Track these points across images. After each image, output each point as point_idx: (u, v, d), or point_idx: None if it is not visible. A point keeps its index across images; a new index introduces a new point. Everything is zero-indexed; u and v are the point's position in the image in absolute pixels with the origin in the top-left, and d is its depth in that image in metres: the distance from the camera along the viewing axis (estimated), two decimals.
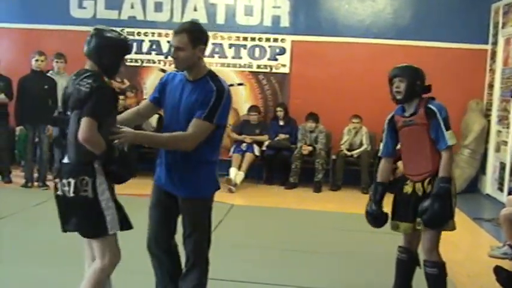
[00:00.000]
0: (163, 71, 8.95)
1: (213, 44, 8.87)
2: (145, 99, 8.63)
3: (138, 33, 8.97)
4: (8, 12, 9.06)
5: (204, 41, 3.14)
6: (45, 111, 7.13)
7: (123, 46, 3.10)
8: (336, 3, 8.79)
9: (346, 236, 5.79)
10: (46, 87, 7.32)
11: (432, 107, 3.62)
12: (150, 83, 9.00)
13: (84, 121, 2.87)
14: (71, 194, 2.94)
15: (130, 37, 8.88)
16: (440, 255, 3.64)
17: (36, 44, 8.38)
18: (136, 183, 8.21)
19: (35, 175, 7.55)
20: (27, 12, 9.00)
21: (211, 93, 3.05)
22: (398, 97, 3.72)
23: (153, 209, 3.41)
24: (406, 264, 3.82)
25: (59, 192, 3.01)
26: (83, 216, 2.99)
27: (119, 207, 3.07)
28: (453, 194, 3.57)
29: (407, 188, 3.71)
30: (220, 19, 8.90)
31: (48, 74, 7.60)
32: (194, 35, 3.06)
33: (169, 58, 8.91)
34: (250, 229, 5.94)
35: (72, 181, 2.93)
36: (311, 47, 8.71)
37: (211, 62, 8.86)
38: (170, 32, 8.78)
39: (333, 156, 8.41)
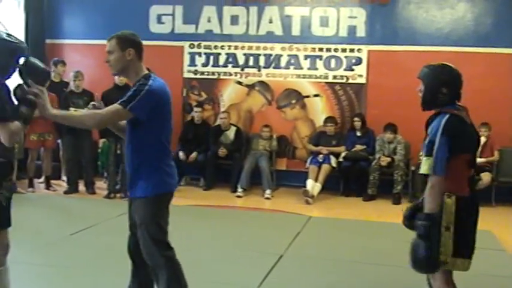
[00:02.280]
0: (239, 83, 9.07)
1: (289, 55, 8.89)
2: (222, 111, 8.87)
3: (215, 47, 9.11)
4: (91, 29, 9.44)
5: (132, 44, 3.28)
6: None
7: (9, 47, 3.09)
8: (413, 11, 8.60)
9: None
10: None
11: (431, 123, 3.15)
12: (227, 95, 9.11)
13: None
14: None
15: (207, 50, 9.08)
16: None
17: None
18: (213, 195, 8.43)
19: (117, 186, 7.80)
20: (109, 28, 9.29)
21: (135, 85, 3.20)
22: (421, 103, 3.22)
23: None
24: None
25: None
26: None
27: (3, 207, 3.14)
28: (444, 226, 3.01)
29: None
30: (296, 31, 8.90)
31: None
32: (122, 39, 3.27)
33: (246, 70, 9.02)
34: (327, 241, 5.86)
35: None
36: (388, 56, 8.56)
37: (287, 74, 8.89)
38: (246, 44, 9.04)
39: (412, 168, 8.19)
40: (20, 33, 9.08)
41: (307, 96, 8.91)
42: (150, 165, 3.26)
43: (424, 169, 3.08)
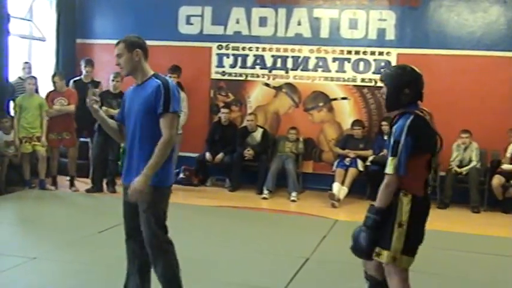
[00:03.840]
0: (267, 85, 9.06)
1: (317, 58, 8.84)
2: (249, 113, 8.87)
3: (243, 48, 9.11)
4: (121, 29, 9.48)
5: (138, 45, 3.51)
6: None
7: None
8: (444, 15, 8.49)
9: (454, 257, 5.53)
10: None
11: (395, 123, 3.17)
12: (254, 97, 9.11)
13: None
14: None
15: (235, 52, 9.09)
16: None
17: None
18: (238, 196, 8.44)
19: None
20: (138, 29, 9.39)
21: (159, 88, 3.39)
22: (384, 104, 3.32)
23: (123, 205, 3.67)
24: None
25: None
26: None
27: None
28: (397, 223, 3.09)
29: None
30: (325, 33, 8.85)
31: None
32: (128, 42, 3.50)
33: (273, 72, 9.01)
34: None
35: None
36: (418, 60, 8.40)
37: (315, 76, 8.85)
38: (274, 46, 9.02)
39: (441, 173, 8.08)
40: (51, 33, 9.22)
41: (335, 99, 8.85)
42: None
43: (390, 169, 3.11)
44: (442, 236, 6.14)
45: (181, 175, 8.85)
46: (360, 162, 8.17)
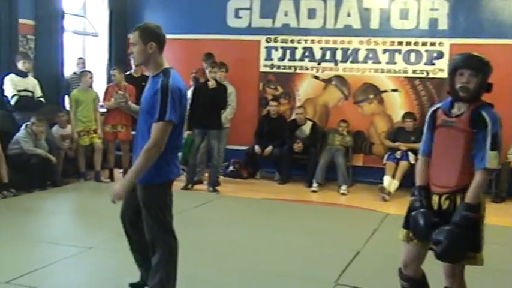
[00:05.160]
0: (316, 77, 9.00)
1: (367, 49, 8.73)
2: (298, 106, 8.83)
3: (292, 41, 9.07)
4: (170, 24, 9.53)
5: (155, 38, 3.36)
6: (213, 118, 7.51)
7: None
8: (500, 3, 8.22)
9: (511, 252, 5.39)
10: (215, 94, 7.63)
11: (486, 115, 2.97)
12: (303, 89, 9.07)
13: None
14: None
15: (284, 44, 9.07)
16: (465, 285, 3.10)
17: (196, 54, 8.83)
18: (287, 189, 8.42)
19: (195, 178, 7.93)
20: (187, 23, 9.51)
21: (157, 91, 3.26)
22: (464, 94, 3.02)
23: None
24: None
25: None
26: None
27: None
28: (482, 223, 2.99)
29: (434, 203, 3.13)
30: (374, 24, 8.72)
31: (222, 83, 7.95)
32: (144, 32, 3.36)
33: (322, 65, 8.94)
34: None
35: None
36: (472, 50, 7.99)
37: (365, 68, 8.74)
38: (323, 38, 8.94)
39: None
40: (104, 28, 9.42)
41: (385, 91, 8.72)
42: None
43: (493, 163, 2.96)
44: (498, 231, 5.98)
45: (230, 168, 8.90)
46: (411, 155, 8.01)
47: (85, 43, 9.52)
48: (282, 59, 9.14)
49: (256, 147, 8.65)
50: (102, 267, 4.25)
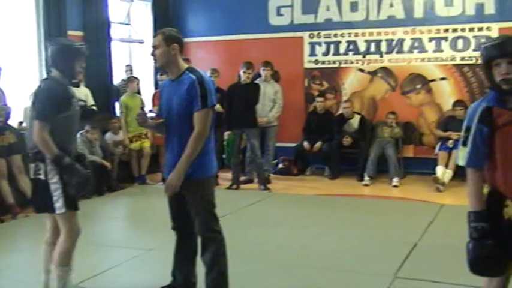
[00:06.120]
0: (361, 70, 8.94)
1: (412, 39, 8.61)
2: (345, 100, 8.79)
3: (335, 35, 9.03)
4: (213, 26, 9.73)
5: (177, 40, 3.57)
6: (248, 116, 7.57)
7: (73, 51, 3.58)
8: None
9: None
10: (251, 94, 7.70)
11: None
12: (349, 83, 9.02)
13: (35, 124, 3.37)
14: (32, 176, 3.54)
15: (327, 39, 9.04)
16: None
17: (239, 54, 8.91)
18: (338, 184, 8.38)
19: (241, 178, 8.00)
20: (230, 24, 9.59)
21: (194, 83, 3.46)
22: (508, 86, 2.56)
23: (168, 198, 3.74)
24: None
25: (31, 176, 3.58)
26: (38, 194, 3.53)
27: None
28: None
29: (509, 211, 2.64)
30: (419, 13, 8.59)
31: (255, 81, 8.02)
32: (167, 35, 3.55)
33: (367, 57, 8.87)
34: (463, 230, 5.61)
35: (32, 165, 3.52)
36: None
37: (411, 58, 8.63)
38: (367, 31, 8.87)
39: None
40: (148, 35, 9.58)
41: (433, 80, 8.59)
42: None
43: None
44: None
45: (280, 165, 8.94)
46: None
47: (131, 50, 9.70)
48: (326, 54, 9.11)
49: (305, 143, 8.66)
50: (164, 268, 4.31)
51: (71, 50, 3.59)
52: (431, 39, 8.53)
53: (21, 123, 7.01)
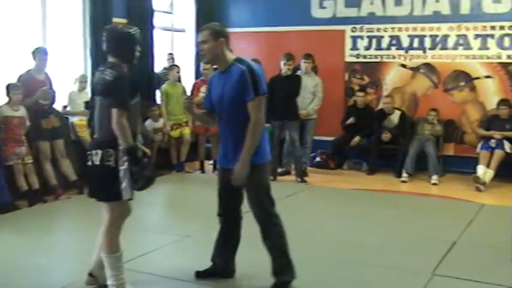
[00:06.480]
0: (403, 66, 8.83)
1: (457, 35, 8.46)
2: (386, 95, 8.70)
3: (378, 29, 8.92)
4: (255, 17, 9.73)
5: (223, 34, 3.62)
6: (289, 107, 7.56)
7: (132, 37, 3.59)
8: None
9: None
10: (292, 86, 7.70)
11: None
12: (390, 78, 8.92)
13: (114, 112, 3.36)
14: (97, 163, 3.45)
15: (370, 33, 8.95)
16: None
17: (281, 46, 8.89)
18: (376, 179, 8.32)
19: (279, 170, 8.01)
20: (272, 16, 9.57)
21: (244, 73, 3.51)
22: None
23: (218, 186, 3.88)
24: None
25: (89, 163, 3.52)
26: (104, 182, 3.49)
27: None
28: None
29: None
30: (465, 9, 8.42)
31: (296, 73, 8.00)
32: (214, 30, 3.60)
33: (410, 53, 8.75)
34: (505, 231, 5.51)
35: (100, 152, 3.45)
36: None
37: (455, 55, 8.48)
38: (411, 26, 8.74)
39: None
40: (191, 24, 9.66)
41: (478, 78, 8.42)
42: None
43: None
44: None
45: (317, 159, 8.91)
46: (506, 144, 7.71)
47: (173, 39, 9.79)
48: (368, 48, 9.02)
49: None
50: (200, 254, 4.38)
51: (130, 37, 3.60)
52: (477, 36, 8.36)
53: (65, 107, 7.17)
